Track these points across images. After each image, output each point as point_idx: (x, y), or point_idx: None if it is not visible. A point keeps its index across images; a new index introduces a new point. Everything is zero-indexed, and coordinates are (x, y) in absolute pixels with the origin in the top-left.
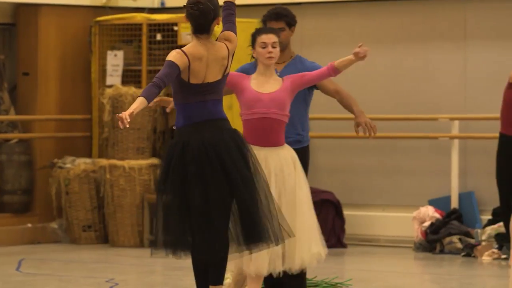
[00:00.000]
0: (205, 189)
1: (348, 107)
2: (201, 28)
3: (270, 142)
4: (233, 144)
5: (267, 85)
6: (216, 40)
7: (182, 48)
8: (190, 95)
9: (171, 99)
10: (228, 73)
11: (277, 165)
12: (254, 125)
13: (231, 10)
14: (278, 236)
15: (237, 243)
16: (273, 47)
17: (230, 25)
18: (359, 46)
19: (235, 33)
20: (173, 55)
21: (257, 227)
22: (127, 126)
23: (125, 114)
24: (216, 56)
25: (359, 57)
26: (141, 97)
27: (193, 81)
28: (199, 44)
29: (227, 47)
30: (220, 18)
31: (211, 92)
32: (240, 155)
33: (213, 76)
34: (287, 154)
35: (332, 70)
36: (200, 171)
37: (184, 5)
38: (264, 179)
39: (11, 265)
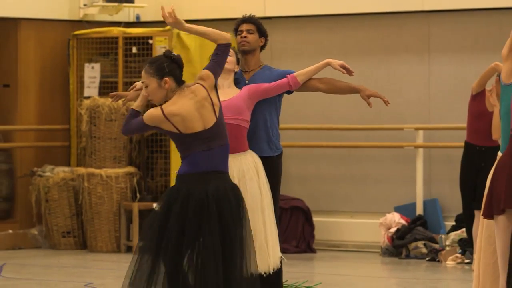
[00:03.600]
0: (200, 243)
1: (344, 88)
2: (181, 77)
3: (231, 148)
4: (234, 201)
5: (222, 94)
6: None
7: (162, 107)
8: (192, 146)
9: (128, 93)
10: (221, 113)
11: (240, 171)
12: None
13: (218, 51)
14: None
15: None
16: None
17: (209, 64)
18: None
19: (213, 70)
20: (148, 117)
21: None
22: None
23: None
24: (198, 100)
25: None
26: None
27: (187, 131)
28: (182, 96)
29: (203, 86)
30: None
31: (213, 138)
32: (238, 213)
33: (208, 120)
34: (249, 160)
35: (292, 82)
36: (199, 223)
37: (156, 62)
38: (249, 231)
39: None
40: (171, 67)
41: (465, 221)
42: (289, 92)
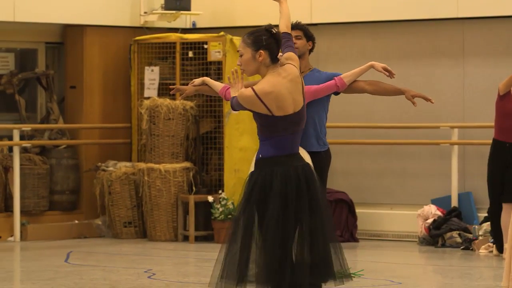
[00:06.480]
0: (298, 218)
1: (389, 90)
2: (277, 54)
3: None
4: (310, 179)
5: None
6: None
7: (253, 87)
8: (280, 129)
9: (186, 87)
10: (304, 95)
11: None
12: None
13: (287, 38)
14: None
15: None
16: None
17: (288, 49)
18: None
19: (295, 53)
20: (241, 98)
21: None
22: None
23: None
24: (292, 78)
25: (391, 76)
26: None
27: (279, 113)
28: (275, 74)
29: (294, 65)
30: None
31: (299, 121)
32: (315, 189)
33: (298, 103)
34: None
35: (340, 83)
36: (297, 200)
37: (254, 33)
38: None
39: (60, 257)
40: (268, 41)
41: (492, 214)
42: (336, 93)
